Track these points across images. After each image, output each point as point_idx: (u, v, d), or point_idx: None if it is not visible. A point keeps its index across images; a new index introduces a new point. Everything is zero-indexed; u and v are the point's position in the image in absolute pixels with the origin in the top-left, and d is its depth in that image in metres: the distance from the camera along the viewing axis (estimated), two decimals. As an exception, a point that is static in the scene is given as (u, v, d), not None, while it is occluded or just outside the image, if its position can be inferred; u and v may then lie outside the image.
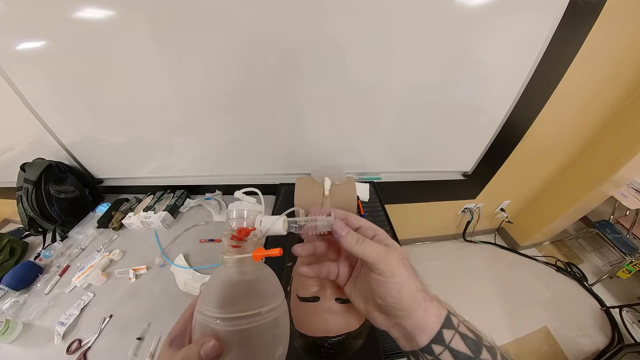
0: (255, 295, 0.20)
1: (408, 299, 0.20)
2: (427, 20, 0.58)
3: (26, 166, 0.83)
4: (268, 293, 0.20)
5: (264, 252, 0.21)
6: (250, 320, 0.18)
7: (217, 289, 0.19)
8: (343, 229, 0.21)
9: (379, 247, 0.21)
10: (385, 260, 0.20)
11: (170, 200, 0.86)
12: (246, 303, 0.18)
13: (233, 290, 0.19)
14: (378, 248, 0.21)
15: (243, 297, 0.19)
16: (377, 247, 0.21)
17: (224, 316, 0.18)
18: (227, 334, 0.17)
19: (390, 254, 0.21)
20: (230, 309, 0.18)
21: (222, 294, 0.19)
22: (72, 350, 0.52)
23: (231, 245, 0.21)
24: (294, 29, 0.58)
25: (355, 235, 0.21)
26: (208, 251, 0.71)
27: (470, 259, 1.45)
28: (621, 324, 1.10)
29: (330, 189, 0.62)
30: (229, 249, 0.21)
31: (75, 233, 0.83)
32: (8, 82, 0.70)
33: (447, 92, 0.71)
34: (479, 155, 0.91)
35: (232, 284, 0.20)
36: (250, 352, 0.18)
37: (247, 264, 0.20)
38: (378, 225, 0.25)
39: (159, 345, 0.51)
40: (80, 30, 0.59)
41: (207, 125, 0.79)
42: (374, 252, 0.20)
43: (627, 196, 1.11)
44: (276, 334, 0.19)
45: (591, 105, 0.90)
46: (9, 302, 0.62)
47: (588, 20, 0.62)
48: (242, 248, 0.21)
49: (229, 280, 0.20)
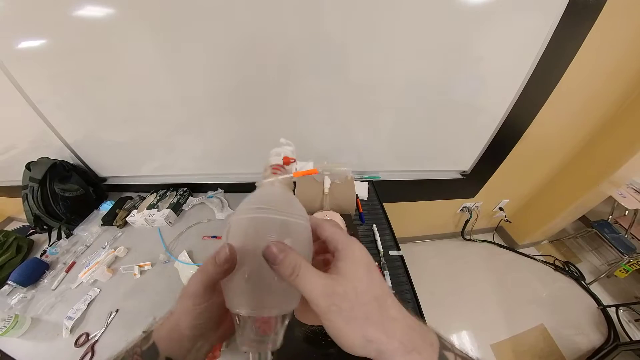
0: (286, 204, 0.21)
1: (359, 352, 0.15)
2: (426, 19, 0.58)
3: (31, 165, 0.85)
4: (297, 208, 0.21)
5: (303, 172, 0.25)
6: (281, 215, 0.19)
7: (253, 198, 0.21)
8: (276, 257, 0.16)
9: (322, 279, 0.16)
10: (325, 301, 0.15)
11: (174, 198, 0.88)
12: (277, 205, 0.20)
13: (268, 197, 0.22)
14: (321, 281, 0.16)
15: (276, 202, 0.21)
16: (320, 280, 0.16)
17: (260, 207, 0.19)
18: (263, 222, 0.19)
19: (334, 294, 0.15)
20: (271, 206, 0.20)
21: (258, 199, 0.21)
22: (80, 343, 0.54)
23: (272, 172, 0.24)
24: (294, 28, 0.59)
25: (291, 264, 0.16)
26: (211, 248, 0.73)
27: (468, 257, 1.47)
28: (617, 323, 1.11)
29: (330, 187, 0.63)
30: (269, 176, 0.24)
31: (80, 230, 0.84)
32: (11, 81, 0.71)
33: (447, 90, 0.72)
34: (478, 155, 0.91)
35: (267, 195, 0.22)
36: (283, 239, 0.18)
37: (281, 185, 0.23)
38: (377, 224, 0.24)
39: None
40: (82, 29, 0.60)
41: (209, 123, 0.80)
42: (314, 288, 0.16)
43: (625, 196, 1.12)
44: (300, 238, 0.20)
45: (590, 104, 0.90)
46: (17, 298, 0.63)
47: (588, 20, 0.62)
48: (281, 174, 0.24)
49: (264, 193, 0.23)
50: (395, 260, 0.60)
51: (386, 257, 0.61)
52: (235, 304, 0.18)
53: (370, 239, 0.66)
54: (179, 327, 0.20)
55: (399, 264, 0.59)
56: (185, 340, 0.20)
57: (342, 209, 0.61)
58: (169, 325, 0.20)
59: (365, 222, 0.71)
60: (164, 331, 0.20)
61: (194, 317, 0.19)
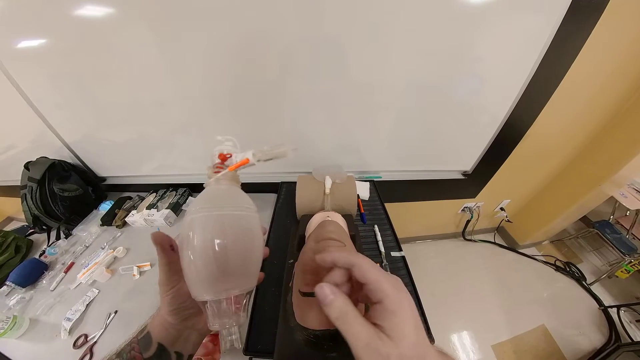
0: (226, 199, 0.24)
1: None
2: (428, 17, 0.57)
3: (30, 165, 0.84)
4: (238, 200, 0.25)
5: (236, 164, 0.27)
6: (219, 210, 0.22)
7: (197, 200, 0.25)
8: (326, 297, 0.17)
9: (367, 332, 0.15)
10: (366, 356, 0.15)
11: (173, 198, 0.87)
12: (222, 202, 0.23)
13: (210, 196, 0.25)
14: (365, 334, 0.15)
15: (217, 199, 0.24)
16: (365, 332, 0.15)
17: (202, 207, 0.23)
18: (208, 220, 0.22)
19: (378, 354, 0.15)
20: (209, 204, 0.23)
21: (201, 199, 0.24)
22: (78, 344, 0.53)
23: (214, 171, 0.27)
24: (294, 28, 0.58)
25: (339, 308, 0.16)
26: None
27: (469, 257, 1.46)
28: (619, 323, 1.11)
29: (331, 187, 0.63)
30: (211, 175, 0.27)
31: (79, 231, 0.84)
32: (10, 80, 0.71)
33: (448, 90, 0.71)
34: (480, 155, 0.91)
35: (210, 194, 0.25)
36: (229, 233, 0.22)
37: (225, 181, 0.26)
38: (378, 224, 0.25)
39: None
40: (81, 28, 0.59)
41: (209, 123, 0.79)
42: (358, 339, 0.15)
43: (627, 196, 1.12)
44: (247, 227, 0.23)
45: (593, 104, 0.90)
46: (16, 299, 0.63)
47: (591, 20, 0.61)
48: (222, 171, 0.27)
49: (207, 193, 0.25)
50: (397, 262, 0.60)
51: (388, 258, 0.60)
52: (197, 292, 0.21)
53: (371, 240, 0.65)
54: (163, 316, 0.23)
55: (401, 264, 0.59)
56: (171, 328, 0.23)
57: (344, 210, 0.61)
58: (158, 316, 0.23)
59: (367, 222, 0.71)
60: (156, 321, 0.23)
61: (168, 303, 0.22)
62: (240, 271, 0.22)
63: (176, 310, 0.22)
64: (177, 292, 0.22)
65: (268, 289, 0.54)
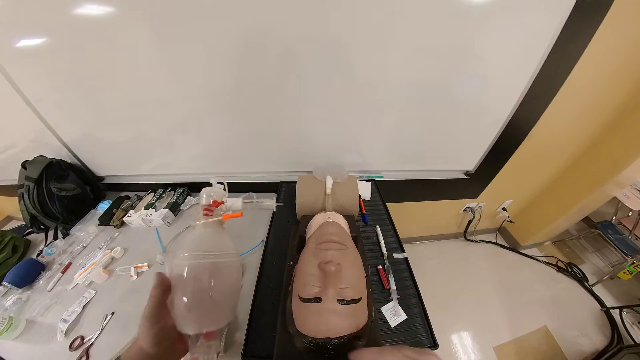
0: (215, 245, 0.29)
1: None
2: (430, 16, 0.56)
3: (27, 164, 0.83)
4: (225, 246, 0.30)
5: (230, 215, 0.32)
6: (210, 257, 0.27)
7: (189, 242, 0.29)
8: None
9: None
10: None
11: (171, 198, 0.86)
12: (209, 247, 0.28)
13: (201, 241, 0.29)
14: None
15: (207, 245, 0.29)
16: None
17: (194, 254, 0.27)
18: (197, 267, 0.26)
19: None
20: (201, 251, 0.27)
21: (193, 243, 0.28)
22: (74, 346, 0.52)
23: (204, 214, 0.31)
24: (295, 25, 0.58)
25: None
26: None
27: (471, 258, 1.45)
28: (621, 325, 1.10)
29: (332, 187, 0.62)
30: (201, 217, 0.31)
31: (76, 230, 0.83)
32: (8, 80, 0.70)
33: (451, 90, 0.70)
34: (482, 155, 0.90)
35: (200, 238, 0.30)
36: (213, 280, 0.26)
37: (212, 225, 0.31)
38: (380, 225, 0.25)
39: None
40: (80, 27, 0.59)
41: (208, 122, 0.78)
42: None
43: (630, 197, 1.11)
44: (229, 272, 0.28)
45: (596, 105, 0.89)
46: (12, 299, 0.62)
47: (595, 19, 0.60)
48: (211, 215, 0.31)
49: (198, 236, 0.30)
50: (399, 263, 0.59)
51: (390, 259, 0.59)
52: (183, 326, 0.25)
53: (373, 241, 0.64)
54: (142, 349, 0.23)
55: (404, 266, 0.58)
56: (150, 359, 0.23)
57: (345, 210, 0.60)
58: (135, 347, 0.24)
59: (369, 223, 0.70)
60: (132, 353, 0.24)
61: (153, 337, 0.23)
62: (222, 312, 0.27)
63: (159, 342, 0.23)
64: (163, 326, 0.24)
65: (267, 291, 0.53)
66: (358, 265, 0.34)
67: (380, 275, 0.55)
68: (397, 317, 0.48)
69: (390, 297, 0.51)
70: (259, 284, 0.55)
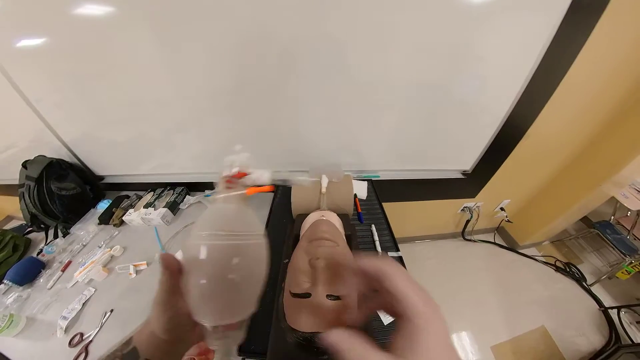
0: (239, 224, 0.24)
1: None
2: (428, 16, 0.57)
3: (28, 163, 0.84)
4: (250, 225, 0.24)
5: (256, 189, 0.26)
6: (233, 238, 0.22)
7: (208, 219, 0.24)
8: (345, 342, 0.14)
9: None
10: None
11: (170, 197, 0.87)
12: (231, 226, 0.23)
13: (222, 218, 0.24)
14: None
15: (229, 223, 0.23)
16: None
17: (214, 233, 0.22)
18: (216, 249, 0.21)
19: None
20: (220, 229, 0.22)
21: (213, 221, 0.23)
22: (74, 343, 0.53)
23: (226, 186, 0.25)
24: (295, 25, 0.58)
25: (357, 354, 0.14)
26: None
27: (469, 257, 1.45)
28: (619, 325, 1.10)
29: (328, 186, 0.62)
30: (222, 190, 0.25)
31: (76, 229, 0.84)
32: (8, 80, 0.71)
33: (448, 89, 0.70)
34: (479, 154, 0.90)
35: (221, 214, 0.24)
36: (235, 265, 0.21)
37: (234, 200, 0.25)
38: (375, 224, 0.24)
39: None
40: (80, 27, 0.59)
41: (207, 122, 0.79)
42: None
43: (628, 197, 1.10)
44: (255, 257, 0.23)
45: (593, 104, 0.89)
46: (13, 297, 0.63)
47: (592, 18, 0.61)
48: (234, 189, 0.25)
49: (218, 212, 0.24)
50: (393, 261, 0.59)
51: (384, 257, 0.60)
52: (199, 317, 0.21)
53: (368, 240, 0.65)
54: (154, 333, 0.22)
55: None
56: (162, 344, 0.22)
57: (340, 209, 0.60)
58: (146, 331, 0.22)
59: (364, 222, 0.70)
60: (143, 336, 0.22)
61: (165, 322, 0.21)
62: (243, 303, 0.22)
63: (172, 328, 0.22)
64: (176, 312, 0.22)
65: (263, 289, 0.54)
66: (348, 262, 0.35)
67: (375, 274, 0.56)
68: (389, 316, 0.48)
69: (384, 295, 0.51)
70: (255, 282, 0.55)
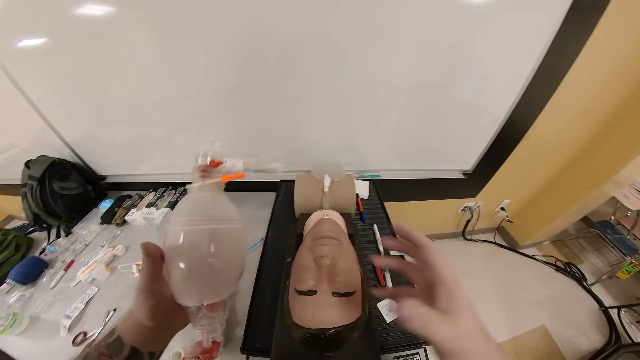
0: (215, 209, 0.25)
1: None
2: (428, 16, 0.57)
3: (30, 163, 0.84)
4: (226, 210, 0.26)
5: (229, 176, 0.27)
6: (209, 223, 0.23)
7: (185, 206, 0.25)
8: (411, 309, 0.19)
9: (448, 331, 0.18)
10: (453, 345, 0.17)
11: (172, 197, 0.87)
12: (207, 212, 0.24)
13: (198, 205, 0.25)
14: (445, 327, 0.18)
15: (205, 209, 0.25)
16: (443, 326, 0.18)
17: (191, 219, 0.23)
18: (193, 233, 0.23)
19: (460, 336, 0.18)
20: (198, 215, 0.24)
21: (189, 207, 0.25)
22: (77, 342, 0.54)
23: (200, 175, 0.26)
24: (295, 25, 0.58)
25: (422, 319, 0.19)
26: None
27: (469, 257, 1.46)
28: (619, 324, 1.11)
29: (330, 186, 0.62)
30: (197, 179, 0.26)
31: (79, 229, 0.84)
32: (10, 80, 0.71)
33: (449, 90, 0.71)
34: (480, 154, 0.91)
35: (197, 202, 0.25)
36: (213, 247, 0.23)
37: (210, 188, 0.26)
38: (377, 223, 0.25)
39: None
40: (82, 27, 0.59)
41: (208, 122, 0.79)
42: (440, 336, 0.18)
43: (628, 197, 1.11)
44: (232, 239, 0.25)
45: (594, 104, 0.89)
46: (16, 296, 0.63)
47: (592, 18, 0.61)
48: (209, 177, 0.27)
49: (195, 200, 0.26)
50: (395, 261, 0.59)
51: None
52: (182, 299, 0.22)
53: (370, 239, 0.65)
54: (139, 321, 0.23)
55: (400, 264, 0.58)
56: (148, 331, 0.23)
57: (342, 208, 0.61)
58: (131, 320, 0.23)
59: (366, 221, 0.71)
60: (128, 325, 0.23)
61: (148, 309, 0.22)
62: (223, 283, 0.24)
63: (156, 314, 0.23)
64: (159, 298, 0.23)
65: (266, 287, 0.54)
66: (352, 260, 0.35)
67: (377, 272, 0.56)
68: (393, 313, 0.48)
69: (386, 294, 0.52)
70: (257, 281, 0.56)
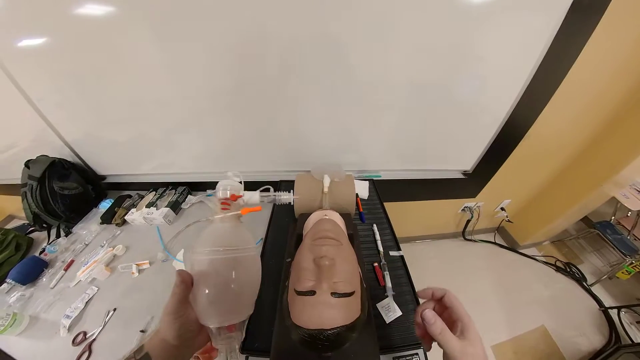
0: (235, 239, 0.30)
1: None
2: (428, 16, 0.57)
3: (30, 163, 0.84)
4: (244, 240, 0.31)
5: (249, 209, 0.33)
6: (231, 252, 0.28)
7: (209, 237, 0.30)
8: (431, 319, 0.26)
9: (458, 341, 0.25)
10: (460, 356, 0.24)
11: (172, 197, 0.87)
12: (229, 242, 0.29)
13: (220, 236, 0.30)
14: (457, 343, 0.24)
15: (227, 240, 0.29)
16: (457, 342, 0.24)
17: (215, 249, 0.27)
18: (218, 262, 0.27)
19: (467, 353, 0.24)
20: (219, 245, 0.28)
21: (213, 239, 0.29)
22: (77, 342, 0.54)
23: (222, 207, 0.31)
24: (295, 25, 0.58)
25: (440, 326, 0.26)
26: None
27: (469, 257, 1.46)
28: (619, 325, 1.11)
29: (330, 186, 0.62)
30: (219, 211, 0.31)
31: (79, 229, 0.84)
32: (10, 79, 0.71)
33: (449, 90, 0.71)
34: (480, 154, 0.91)
35: (219, 233, 0.30)
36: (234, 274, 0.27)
37: (230, 220, 0.31)
38: (377, 223, 0.27)
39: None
40: (82, 27, 0.59)
41: (208, 122, 0.79)
42: (454, 347, 0.24)
43: (629, 197, 1.11)
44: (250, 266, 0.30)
45: (594, 104, 0.89)
46: (16, 296, 0.63)
47: (592, 18, 0.61)
48: (229, 210, 0.31)
49: (217, 231, 0.30)
50: (395, 261, 0.59)
51: (386, 257, 0.60)
52: (206, 320, 0.26)
53: (370, 239, 0.65)
54: (166, 340, 0.25)
55: (400, 264, 0.59)
56: (173, 349, 0.25)
57: (342, 208, 0.61)
58: (157, 338, 0.26)
59: (366, 221, 0.71)
60: (155, 343, 0.25)
61: (175, 329, 0.25)
62: (243, 306, 0.28)
63: (182, 334, 0.25)
64: (185, 320, 0.26)
65: (266, 288, 0.54)
66: (352, 261, 0.35)
67: (377, 272, 0.56)
68: (393, 314, 0.48)
69: (385, 294, 0.52)
70: (257, 281, 0.56)
